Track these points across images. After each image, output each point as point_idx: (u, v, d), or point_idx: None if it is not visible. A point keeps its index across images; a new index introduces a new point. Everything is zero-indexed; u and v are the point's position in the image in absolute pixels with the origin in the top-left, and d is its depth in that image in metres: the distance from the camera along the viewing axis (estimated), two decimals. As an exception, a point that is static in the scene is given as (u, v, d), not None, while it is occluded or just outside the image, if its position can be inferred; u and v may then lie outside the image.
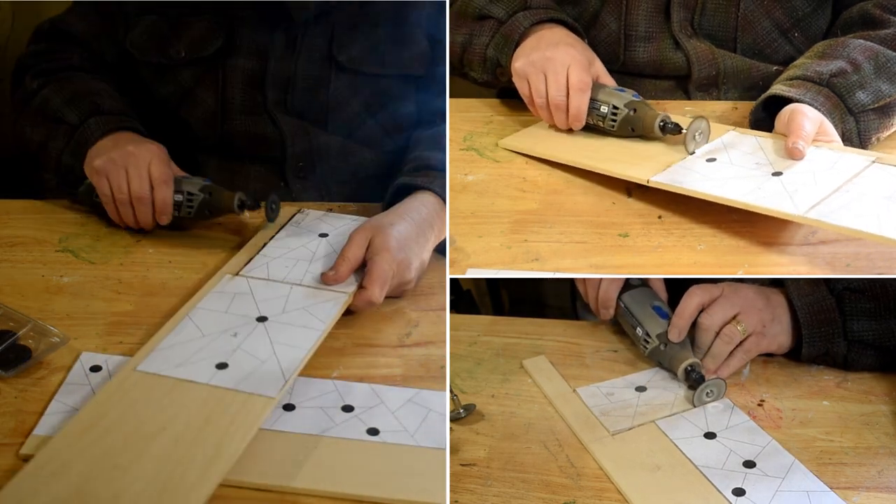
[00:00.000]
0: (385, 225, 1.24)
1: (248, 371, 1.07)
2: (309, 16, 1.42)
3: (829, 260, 1.14)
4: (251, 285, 1.22)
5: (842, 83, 1.25)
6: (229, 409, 1.01)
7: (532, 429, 1.16)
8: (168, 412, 1.01)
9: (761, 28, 1.42)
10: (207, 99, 1.45)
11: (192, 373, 1.07)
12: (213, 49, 1.44)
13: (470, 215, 1.24)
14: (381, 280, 1.20)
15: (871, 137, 1.27)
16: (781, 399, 1.17)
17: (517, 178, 1.30)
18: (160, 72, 1.46)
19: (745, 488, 1.02)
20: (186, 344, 1.11)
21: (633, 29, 1.44)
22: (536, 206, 1.25)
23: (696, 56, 1.42)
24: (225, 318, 1.16)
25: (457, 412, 1.17)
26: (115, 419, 1.00)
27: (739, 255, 1.15)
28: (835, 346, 1.18)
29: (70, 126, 1.38)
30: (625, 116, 1.30)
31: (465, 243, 1.19)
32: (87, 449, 0.96)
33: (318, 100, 1.45)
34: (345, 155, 1.47)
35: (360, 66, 1.44)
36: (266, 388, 1.04)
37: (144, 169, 1.30)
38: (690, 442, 1.10)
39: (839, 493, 1.01)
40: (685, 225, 1.20)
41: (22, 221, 1.35)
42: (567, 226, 1.21)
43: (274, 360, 1.09)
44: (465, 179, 1.30)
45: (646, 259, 1.15)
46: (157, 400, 1.03)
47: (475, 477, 1.08)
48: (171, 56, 1.44)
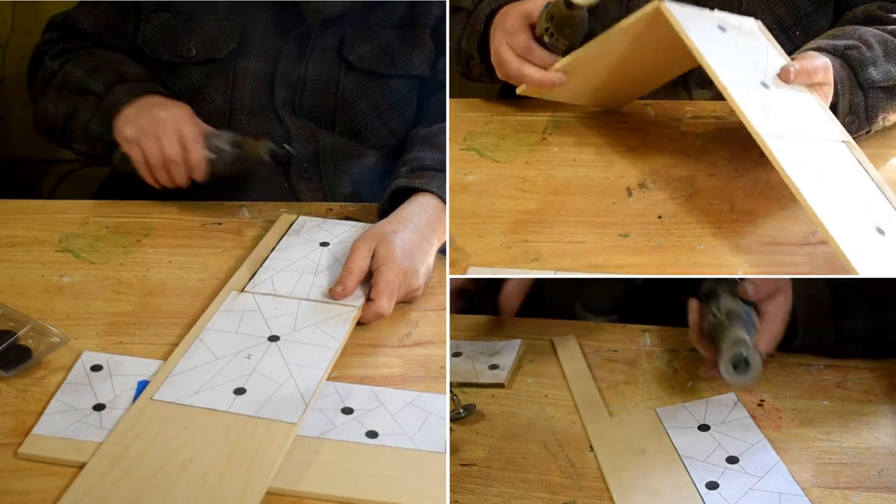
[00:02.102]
0: (388, 233, 1.24)
1: (267, 395, 1.06)
2: (324, 18, 1.43)
3: (828, 260, 1.14)
4: (258, 302, 1.21)
5: (855, 56, 1.27)
6: (252, 438, 1.00)
7: (532, 429, 1.16)
8: (192, 445, 1.00)
9: (764, 23, 1.42)
10: (216, 99, 1.45)
11: (210, 400, 1.05)
12: (227, 51, 1.44)
13: (470, 215, 1.24)
14: (388, 291, 1.20)
15: (878, 116, 1.28)
16: (781, 399, 1.17)
17: (517, 178, 1.30)
18: (171, 69, 1.46)
19: (719, 482, 1.03)
20: (200, 368, 1.10)
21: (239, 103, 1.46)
22: (536, 206, 1.25)
23: None
24: (236, 339, 1.15)
25: (457, 412, 1.17)
26: (139, 454, 0.99)
27: (739, 255, 1.15)
28: (825, 339, 1.19)
29: (96, 95, 1.39)
30: (234, 156, 1.34)
31: (465, 243, 1.19)
32: (114, 488, 0.95)
33: (326, 100, 1.45)
34: (350, 157, 1.47)
35: (369, 65, 1.45)
36: (286, 414, 1.03)
37: (174, 132, 1.32)
38: (682, 432, 1.11)
39: (839, 492, 1.01)
40: (685, 225, 1.20)
41: (22, 221, 1.35)
42: (567, 226, 1.21)
43: (292, 383, 1.08)
44: (465, 179, 1.30)
45: (646, 259, 1.15)
46: (178, 432, 1.02)
47: (475, 477, 1.08)
48: (183, 54, 1.45)
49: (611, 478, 1.05)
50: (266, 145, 1.34)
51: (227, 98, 1.45)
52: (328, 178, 1.47)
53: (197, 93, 1.46)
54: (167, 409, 1.04)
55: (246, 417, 1.03)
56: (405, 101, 1.48)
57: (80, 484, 0.95)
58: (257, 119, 1.45)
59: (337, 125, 1.47)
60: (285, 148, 1.37)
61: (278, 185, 1.46)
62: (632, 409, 1.19)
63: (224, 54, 1.44)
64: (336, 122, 1.47)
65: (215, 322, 1.18)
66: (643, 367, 1.27)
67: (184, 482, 0.95)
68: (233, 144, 1.34)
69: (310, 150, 1.46)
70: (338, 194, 1.47)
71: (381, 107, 1.47)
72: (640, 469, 1.06)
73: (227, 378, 1.09)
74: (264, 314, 1.19)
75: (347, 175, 1.47)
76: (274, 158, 1.35)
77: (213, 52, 1.45)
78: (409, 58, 1.46)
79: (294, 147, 1.38)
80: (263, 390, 1.07)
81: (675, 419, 1.14)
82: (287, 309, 1.20)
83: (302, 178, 1.46)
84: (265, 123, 1.45)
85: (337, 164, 1.47)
